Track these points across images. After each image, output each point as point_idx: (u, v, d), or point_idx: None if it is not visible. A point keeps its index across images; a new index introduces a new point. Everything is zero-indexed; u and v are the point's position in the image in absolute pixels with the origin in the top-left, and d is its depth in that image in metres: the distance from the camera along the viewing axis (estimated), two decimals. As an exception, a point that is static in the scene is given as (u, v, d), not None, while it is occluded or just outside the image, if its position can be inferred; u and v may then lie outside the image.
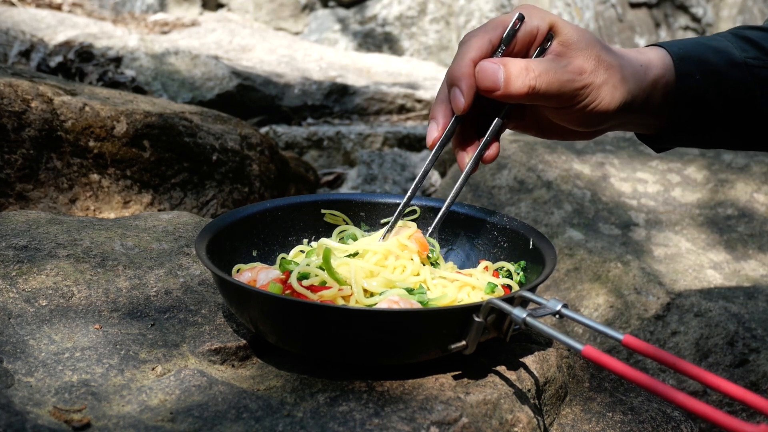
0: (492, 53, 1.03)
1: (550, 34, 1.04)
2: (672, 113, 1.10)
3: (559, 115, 1.07)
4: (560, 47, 1.03)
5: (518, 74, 0.98)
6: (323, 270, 1.02)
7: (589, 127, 1.09)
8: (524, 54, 1.05)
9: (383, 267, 1.06)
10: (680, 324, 1.73)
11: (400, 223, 1.14)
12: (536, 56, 1.04)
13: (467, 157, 1.09)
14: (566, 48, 1.02)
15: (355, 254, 1.09)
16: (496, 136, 1.09)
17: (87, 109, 1.76)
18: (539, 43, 1.05)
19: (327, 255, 1.01)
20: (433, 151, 1.08)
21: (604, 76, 1.02)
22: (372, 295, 1.02)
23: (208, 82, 3.26)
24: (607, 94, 1.03)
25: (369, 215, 1.23)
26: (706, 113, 1.10)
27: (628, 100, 1.05)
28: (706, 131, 1.13)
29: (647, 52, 1.09)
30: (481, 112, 1.09)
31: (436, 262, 1.14)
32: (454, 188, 1.11)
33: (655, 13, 6.07)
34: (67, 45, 3.30)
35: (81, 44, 3.30)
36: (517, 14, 1.03)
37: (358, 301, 1.00)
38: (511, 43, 1.03)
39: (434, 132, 1.05)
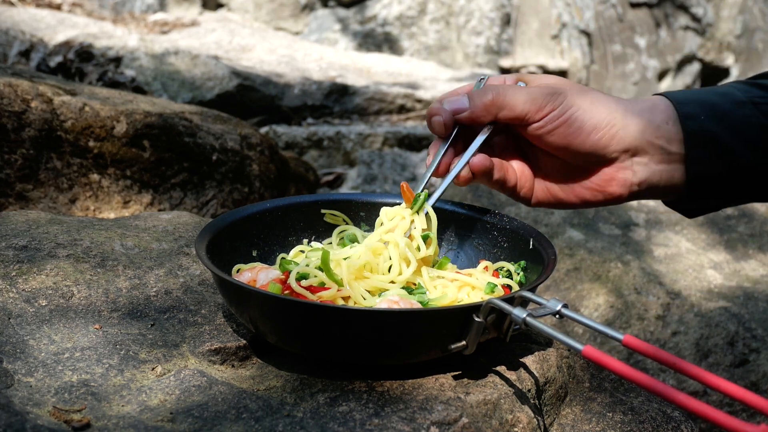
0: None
1: (521, 84, 1.11)
2: (686, 159, 1.04)
3: (547, 139, 1.04)
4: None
5: (480, 94, 1.06)
6: (322, 270, 1.02)
7: (579, 151, 1.04)
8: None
9: (374, 266, 1.06)
10: (680, 324, 1.73)
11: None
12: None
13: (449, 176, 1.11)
14: (527, 82, 1.10)
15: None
16: (475, 158, 1.09)
17: (87, 109, 1.76)
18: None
19: (325, 256, 1.01)
20: (428, 173, 1.11)
21: (578, 87, 1.04)
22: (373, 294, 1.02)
23: (208, 82, 3.26)
24: (586, 101, 1.02)
25: (369, 215, 1.23)
26: (721, 155, 1.03)
27: (617, 115, 1.02)
28: (728, 177, 1.04)
29: (641, 101, 1.06)
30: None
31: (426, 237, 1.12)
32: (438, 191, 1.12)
33: (655, 13, 6.08)
34: (67, 45, 3.30)
35: (81, 44, 3.30)
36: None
37: (356, 302, 1.00)
38: None
39: (428, 160, 1.12)
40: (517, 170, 1.10)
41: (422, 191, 1.11)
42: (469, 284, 1.06)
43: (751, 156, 1.02)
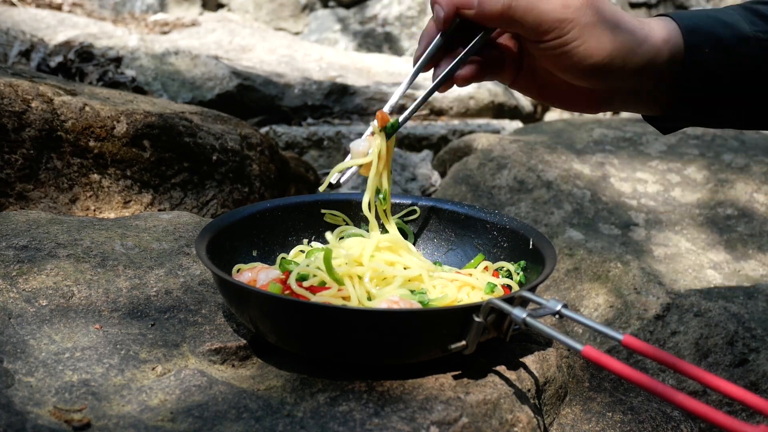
0: None
1: None
2: (679, 87, 1.06)
3: (545, 57, 1.02)
4: None
5: None
6: (321, 270, 1.02)
7: (579, 77, 1.03)
8: None
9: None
10: (680, 324, 1.73)
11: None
12: None
13: (438, 72, 1.06)
14: None
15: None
16: (476, 60, 1.05)
17: (87, 109, 1.77)
18: None
19: (328, 255, 1.01)
20: (415, 67, 1.06)
21: (591, 18, 0.98)
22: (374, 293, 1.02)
23: (208, 82, 3.26)
24: (593, 37, 0.98)
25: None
26: (714, 88, 1.05)
27: (621, 54, 1.00)
28: (714, 108, 1.08)
29: (652, 21, 1.05)
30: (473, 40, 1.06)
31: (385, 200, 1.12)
32: (420, 97, 1.09)
33: (655, 13, 6.08)
34: (67, 45, 3.30)
35: (81, 44, 3.30)
36: None
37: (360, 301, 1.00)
38: None
39: (418, 49, 1.05)
40: (509, 62, 1.08)
41: (396, 118, 1.09)
42: (469, 284, 1.06)
43: (742, 88, 1.05)
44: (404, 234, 1.24)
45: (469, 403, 0.89)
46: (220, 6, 5.15)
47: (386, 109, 1.10)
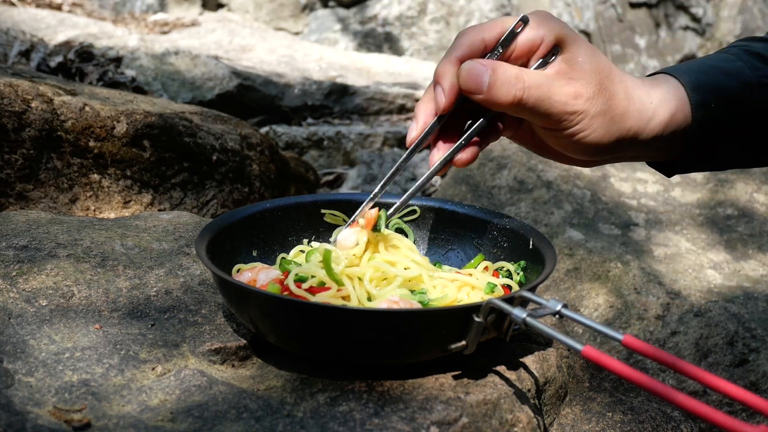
0: (484, 54, 0.97)
1: (557, 48, 0.97)
2: (686, 148, 1.04)
3: (548, 137, 1.02)
4: (563, 65, 0.96)
5: (505, 82, 0.93)
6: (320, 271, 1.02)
7: (585, 156, 1.03)
8: (523, 63, 0.99)
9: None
10: (680, 324, 1.73)
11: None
12: (536, 68, 0.98)
13: (437, 156, 1.03)
14: (569, 67, 0.96)
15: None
16: (475, 141, 1.03)
17: (87, 109, 1.77)
18: (542, 55, 0.98)
19: (327, 256, 1.01)
20: (408, 150, 1.04)
21: (601, 107, 0.96)
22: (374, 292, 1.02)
23: (208, 82, 3.26)
24: (601, 126, 0.97)
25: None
26: (721, 139, 1.04)
27: (627, 137, 0.99)
28: (721, 155, 1.07)
29: (657, 89, 1.02)
30: (470, 116, 1.04)
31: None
32: (416, 184, 1.06)
33: (655, 13, 6.08)
34: (67, 45, 3.30)
35: (81, 44, 3.30)
36: (520, 17, 0.97)
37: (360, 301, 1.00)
38: (509, 47, 0.97)
39: (413, 132, 1.01)
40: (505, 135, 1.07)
41: (381, 210, 1.08)
42: (469, 284, 1.06)
43: (751, 134, 1.04)
44: (404, 234, 1.24)
45: (469, 403, 0.89)
46: (220, 6, 5.14)
47: (375, 193, 1.09)
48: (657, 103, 1.01)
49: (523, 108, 0.94)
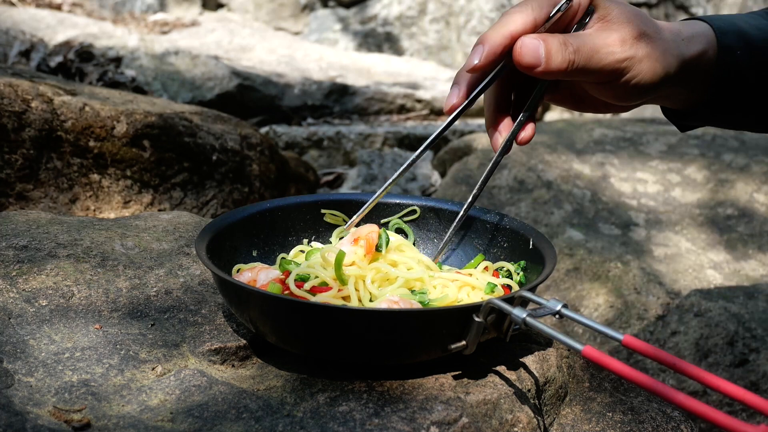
0: (534, 31, 0.99)
1: (591, 8, 1.00)
2: (710, 89, 1.07)
3: (600, 90, 1.04)
4: (599, 22, 1.00)
5: (558, 50, 0.95)
6: (320, 271, 1.02)
7: (629, 101, 1.05)
8: (562, 30, 1.01)
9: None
10: (680, 324, 1.73)
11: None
12: (575, 31, 1.01)
13: (501, 138, 1.06)
14: (605, 22, 0.99)
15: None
16: (531, 116, 1.05)
17: (87, 109, 1.77)
18: (579, 19, 1.01)
19: (340, 258, 1.01)
20: (450, 117, 1.03)
21: (645, 50, 0.99)
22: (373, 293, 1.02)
23: (208, 82, 3.26)
24: (649, 68, 1.00)
25: (369, 215, 1.23)
26: (740, 90, 1.07)
27: (670, 73, 1.02)
28: (735, 109, 1.10)
29: (690, 26, 1.07)
30: (514, 90, 1.07)
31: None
32: (485, 172, 1.07)
33: (655, 13, 6.08)
34: (67, 45, 3.30)
35: (81, 44, 3.30)
36: None
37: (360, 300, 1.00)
38: (551, 20, 0.99)
39: (453, 98, 1.02)
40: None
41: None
42: (469, 284, 1.06)
43: (764, 93, 1.07)
44: (404, 234, 1.24)
45: (469, 403, 0.89)
46: (220, 6, 5.15)
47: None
48: (688, 40, 1.05)
49: (577, 70, 0.97)
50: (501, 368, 0.97)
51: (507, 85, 1.06)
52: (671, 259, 1.92)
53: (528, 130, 1.05)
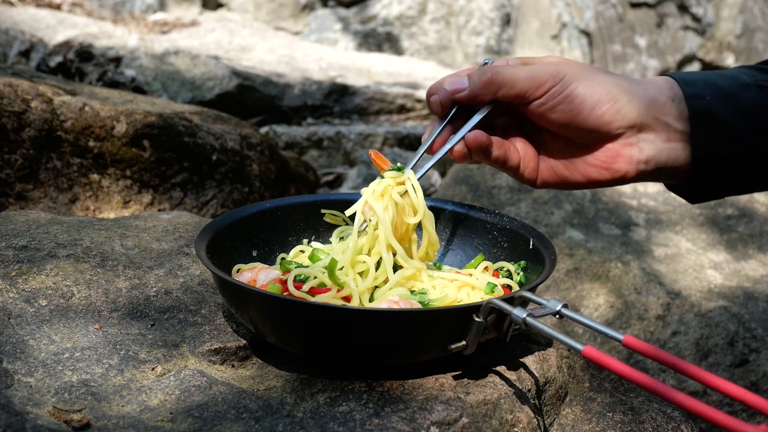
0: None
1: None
2: (691, 139, 1.03)
3: (551, 113, 1.02)
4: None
5: (479, 74, 1.04)
6: (319, 270, 1.02)
7: (590, 126, 1.02)
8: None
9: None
10: (680, 324, 1.73)
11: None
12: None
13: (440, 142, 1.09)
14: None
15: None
16: (470, 133, 1.06)
17: (87, 109, 1.76)
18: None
19: (333, 265, 1.01)
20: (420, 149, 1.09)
21: (578, 67, 1.02)
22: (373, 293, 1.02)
23: (208, 82, 3.25)
24: (589, 79, 1.01)
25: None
26: (726, 138, 1.02)
27: (621, 91, 1.01)
28: (735, 163, 1.04)
29: (651, 80, 1.05)
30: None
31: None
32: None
33: (655, 13, 6.08)
34: (66, 45, 3.30)
35: (81, 44, 3.30)
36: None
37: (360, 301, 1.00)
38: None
39: (424, 136, 1.11)
40: (520, 150, 1.08)
41: (410, 168, 1.08)
42: (469, 284, 1.06)
43: (756, 139, 1.02)
44: None
45: (469, 403, 0.89)
46: (220, 6, 5.14)
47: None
48: (645, 83, 1.04)
49: (503, 83, 1.02)
50: (501, 368, 0.97)
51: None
52: (671, 259, 1.92)
53: (460, 146, 1.07)
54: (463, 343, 0.91)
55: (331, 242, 1.20)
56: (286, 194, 2.23)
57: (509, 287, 1.07)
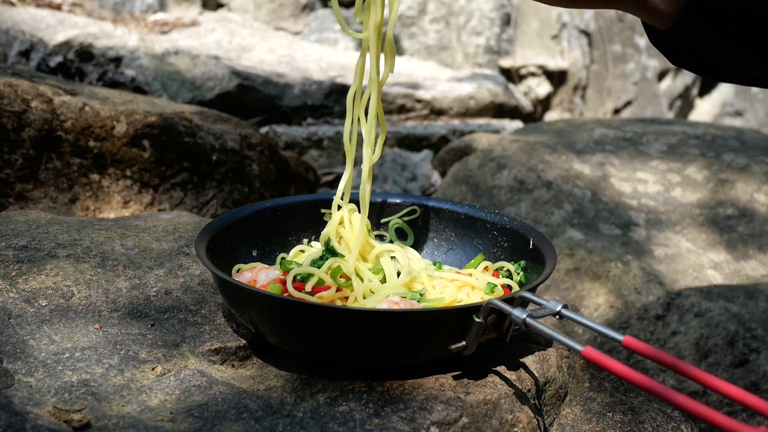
0: None
1: None
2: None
3: None
4: None
5: None
6: (316, 268, 1.02)
7: None
8: None
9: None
10: (680, 324, 1.73)
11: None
12: None
13: None
14: None
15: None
16: None
17: (87, 109, 1.76)
18: None
19: (337, 271, 1.01)
20: None
21: None
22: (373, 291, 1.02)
23: (208, 82, 3.25)
24: None
25: (369, 215, 1.23)
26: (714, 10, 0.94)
27: None
28: (721, 21, 0.96)
29: None
30: None
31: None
32: None
33: (655, 13, 6.07)
34: (67, 45, 3.30)
35: (81, 44, 3.30)
36: None
37: (359, 300, 1.00)
38: None
39: None
40: None
41: None
42: (469, 284, 1.06)
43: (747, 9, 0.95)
44: (404, 234, 1.24)
45: (469, 403, 0.89)
46: (220, 6, 5.14)
47: None
48: None
49: None
50: (501, 368, 0.97)
51: None
52: (671, 259, 1.92)
53: None
54: (463, 343, 0.91)
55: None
56: (286, 194, 2.23)
57: (509, 287, 1.07)
